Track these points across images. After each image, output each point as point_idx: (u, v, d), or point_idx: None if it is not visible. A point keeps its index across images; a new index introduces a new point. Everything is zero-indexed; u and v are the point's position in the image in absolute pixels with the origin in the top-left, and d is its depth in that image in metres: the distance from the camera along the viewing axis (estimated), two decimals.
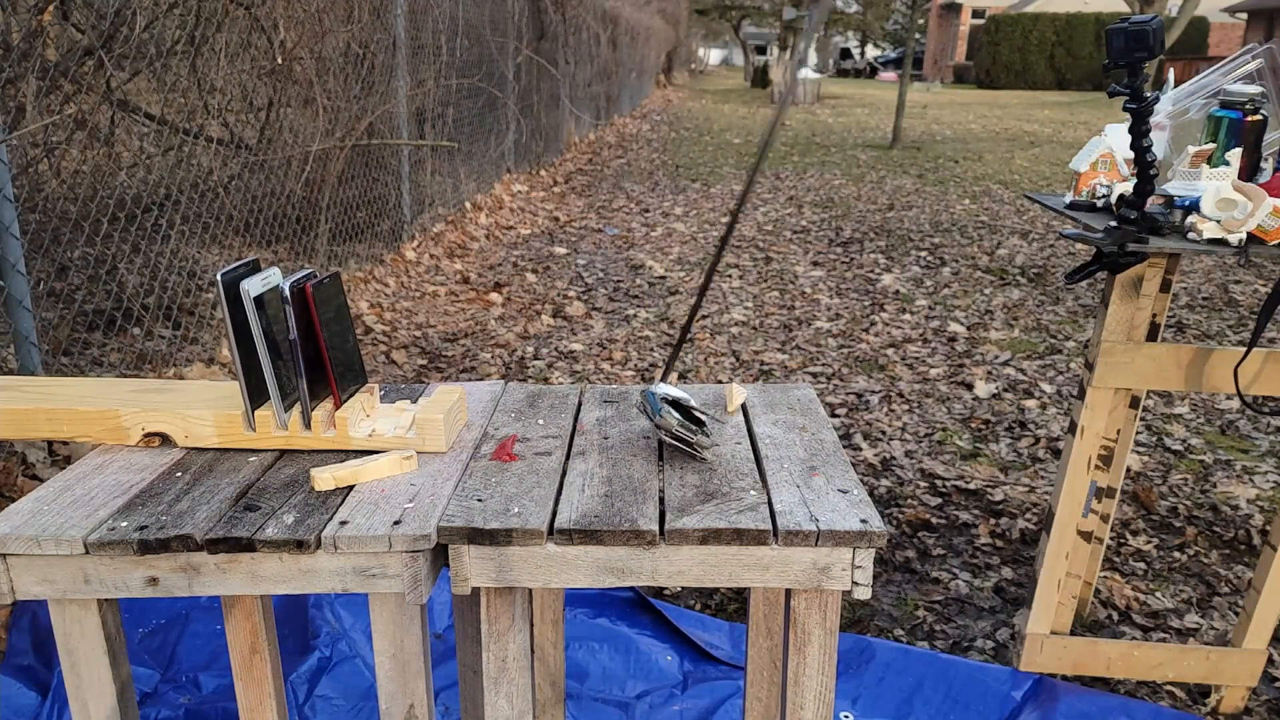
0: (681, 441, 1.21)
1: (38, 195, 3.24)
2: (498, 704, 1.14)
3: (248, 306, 1.13)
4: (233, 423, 1.22)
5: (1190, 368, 1.73)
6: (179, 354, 3.47)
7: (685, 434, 1.21)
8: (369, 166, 5.18)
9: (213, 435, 1.23)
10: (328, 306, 1.20)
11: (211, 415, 1.22)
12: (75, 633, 1.10)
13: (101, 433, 1.24)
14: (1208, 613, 2.29)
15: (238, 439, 1.23)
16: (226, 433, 1.23)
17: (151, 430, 1.23)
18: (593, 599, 2.23)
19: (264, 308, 1.14)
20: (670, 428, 1.20)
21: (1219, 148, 1.67)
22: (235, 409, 1.23)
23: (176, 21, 3.61)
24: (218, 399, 1.26)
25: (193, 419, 1.22)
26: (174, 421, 1.23)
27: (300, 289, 1.15)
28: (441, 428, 1.22)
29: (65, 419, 1.23)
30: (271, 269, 1.19)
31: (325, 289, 1.19)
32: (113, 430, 1.24)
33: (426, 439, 1.22)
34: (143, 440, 1.24)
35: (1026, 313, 4.80)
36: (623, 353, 4.13)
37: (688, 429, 1.21)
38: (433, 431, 1.22)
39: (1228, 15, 27.14)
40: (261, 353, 1.16)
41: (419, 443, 1.23)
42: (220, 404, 1.24)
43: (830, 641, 1.13)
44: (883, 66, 41.52)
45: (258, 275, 1.16)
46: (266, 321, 1.15)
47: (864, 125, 15.79)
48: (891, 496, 2.85)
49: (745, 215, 7.37)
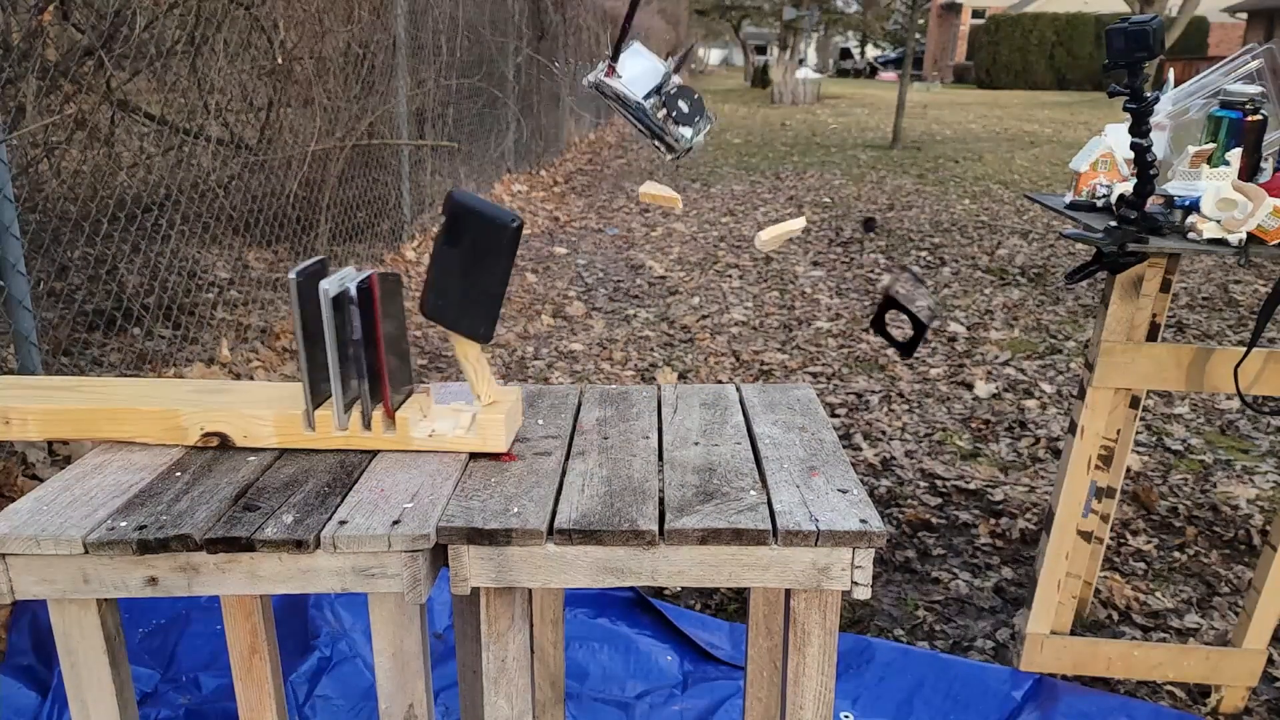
0: (655, 128, 1.14)
1: (38, 195, 3.24)
2: (498, 704, 1.14)
3: (324, 306, 1.13)
4: (292, 423, 1.22)
5: (1190, 368, 1.73)
6: (179, 354, 3.46)
7: (662, 126, 1.14)
8: (369, 166, 5.17)
9: (272, 435, 1.23)
10: (391, 305, 1.19)
11: (271, 415, 1.22)
12: (75, 633, 1.10)
13: (161, 433, 1.23)
14: (1208, 613, 2.29)
15: (297, 439, 1.23)
16: (285, 433, 1.22)
17: (210, 430, 1.23)
18: (593, 599, 2.23)
19: (338, 308, 1.14)
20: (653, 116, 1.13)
21: (1219, 148, 1.67)
22: (293, 409, 1.22)
23: (176, 21, 3.61)
24: (275, 399, 1.26)
25: (251, 419, 1.22)
26: (233, 421, 1.22)
27: (367, 289, 1.15)
28: (503, 428, 1.22)
29: (126, 419, 1.23)
30: (345, 269, 1.18)
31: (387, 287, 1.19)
32: (172, 430, 1.23)
33: (487, 439, 1.22)
34: (201, 440, 1.23)
35: (1026, 313, 4.80)
36: (623, 353, 4.13)
37: (673, 121, 1.14)
38: (494, 431, 1.22)
39: (1228, 15, 27.13)
40: (330, 353, 1.16)
41: (479, 443, 1.22)
42: (278, 404, 1.24)
43: (830, 641, 1.12)
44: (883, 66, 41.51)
45: (334, 275, 1.15)
46: (339, 322, 1.15)
47: (864, 125, 15.78)
48: (891, 496, 2.85)
49: (745, 215, 7.37)
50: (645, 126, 1.15)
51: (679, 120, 1.15)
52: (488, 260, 1.13)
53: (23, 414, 1.23)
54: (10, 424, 1.23)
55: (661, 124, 1.14)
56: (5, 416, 1.23)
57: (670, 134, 1.15)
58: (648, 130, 1.16)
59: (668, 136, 1.15)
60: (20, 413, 1.23)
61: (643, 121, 1.15)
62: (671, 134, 1.15)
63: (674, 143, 1.16)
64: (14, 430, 1.24)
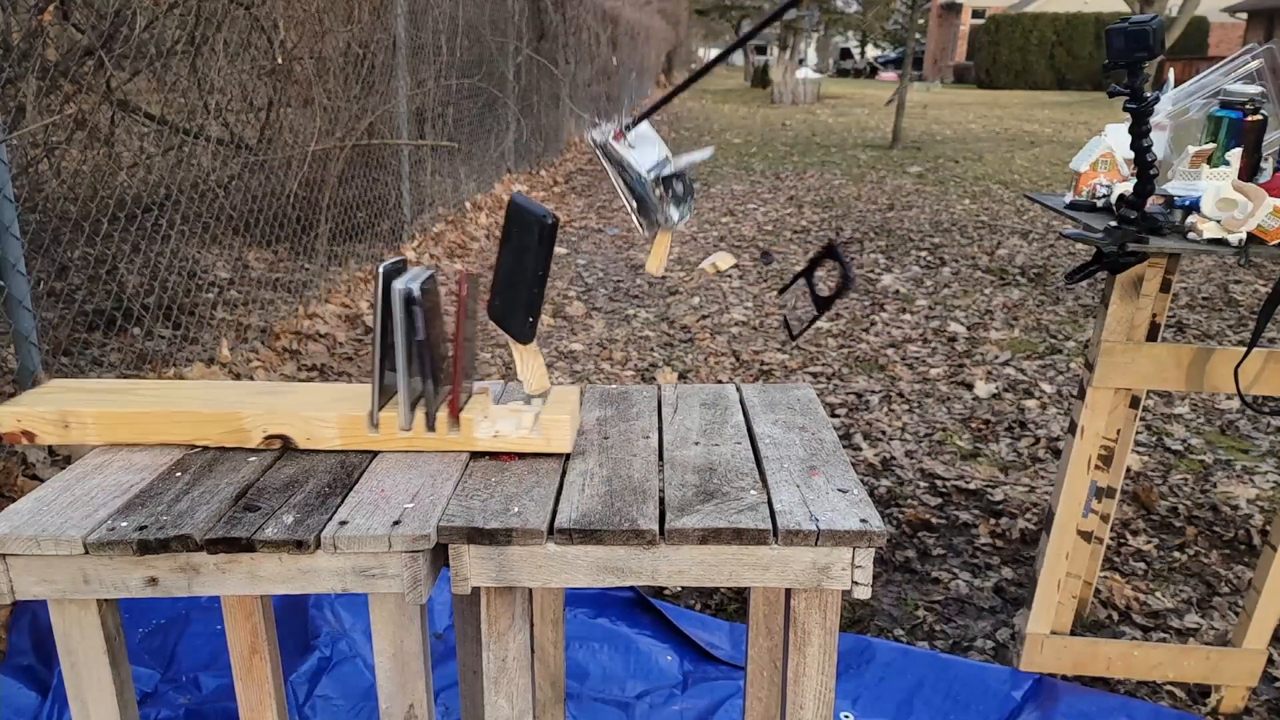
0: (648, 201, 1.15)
1: (38, 195, 3.24)
2: (498, 704, 1.14)
3: (395, 306, 1.13)
4: (355, 424, 1.22)
5: (1190, 368, 1.73)
6: (179, 354, 3.46)
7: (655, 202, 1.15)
8: (369, 166, 5.17)
9: (335, 437, 1.22)
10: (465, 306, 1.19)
11: (335, 417, 1.22)
12: (75, 633, 1.10)
13: (222, 435, 1.23)
14: (1208, 613, 2.29)
15: (360, 440, 1.22)
16: (349, 434, 1.22)
17: (273, 433, 1.22)
18: (593, 599, 2.23)
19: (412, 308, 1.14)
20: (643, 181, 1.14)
21: (1219, 148, 1.67)
22: (354, 411, 1.22)
23: (176, 21, 3.61)
24: (335, 400, 1.26)
25: (315, 421, 1.22)
26: (296, 424, 1.22)
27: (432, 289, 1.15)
28: (568, 428, 1.22)
29: (186, 421, 1.23)
30: (418, 268, 1.18)
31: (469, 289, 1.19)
32: (233, 433, 1.23)
33: (552, 439, 1.22)
34: (263, 442, 1.23)
35: (1026, 313, 4.80)
36: (623, 353, 4.13)
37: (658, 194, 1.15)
38: (559, 432, 1.22)
39: (1228, 15, 27.13)
40: (399, 353, 1.16)
41: (544, 443, 1.22)
42: (339, 406, 1.24)
43: (830, 641, 1.12)
44: (883, 66, 41.50)
45: (405, 274, 1.15)
46: (409, 322, 1.15)
47: (864, 125, 15.78)
48: (891, 496, 2.85)
49: (745, 215, 7.37)
50: (637, 197, 1.17)
51: (673, 200, 1.17)
52: (525, 258, 1.15)
53: (81, 417, 1.22)
54: (70, 427, 1.23)
55: (655, 199, 1.16)
56: (64, 419, 1.22)
57: (660, 210, 1.16)
58: (637, 201, 1.17)
59: (656, 212, 1.17)
60: (79, 416, 1.22)
61: (636, 192, 1.16)
62: (661, 210, 1.16)
63: (659, 218, 1.17)
64: (73, 433, 1.23)
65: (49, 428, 1.23)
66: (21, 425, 1.23)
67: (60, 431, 1.23)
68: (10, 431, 1.23)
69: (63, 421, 1.23)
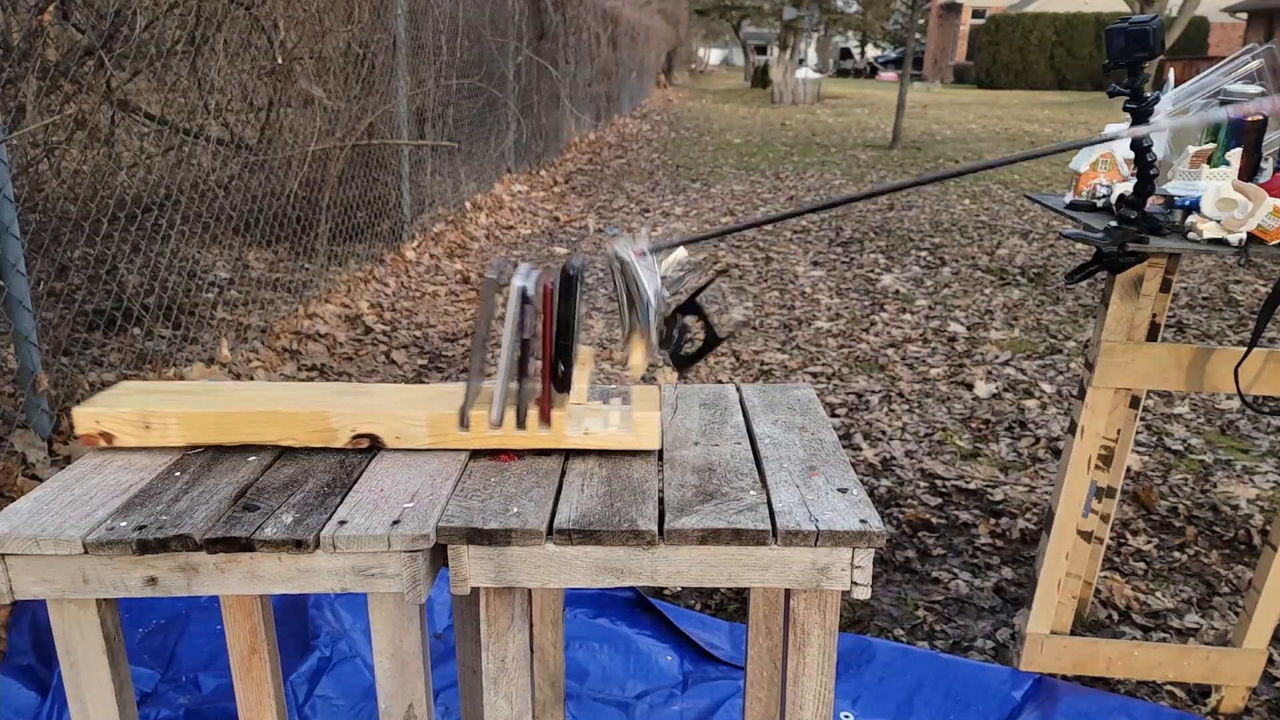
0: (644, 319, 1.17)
1: (38, 195, 3.24)
2: (497, 704, 1.14)
3: (511, 304, 1.13)
4: (446, 423, 1.21)
5: (1190, 368, 1.73)
6: (179, 354, 3.47)
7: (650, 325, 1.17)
8: (369, 166, 5.18)
9: (424, 436, 1.22)
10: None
11: (425, 415, 1.21)
12: (74, 633, 1.10)
13: (308, 435, 1.22)
14: (1208, 613, 2.29)
15: (449, 439, 1.22)
16: (438, 432, 1.22)
17: (362, 432, 1.22)
18: (593, 599, 2.23)
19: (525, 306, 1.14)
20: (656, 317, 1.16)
21: (1219, 148, 1.67)
22: (442, 409, 1.22)
23: (176, 21, 3.61)
24: (422, 400, 1.25)
25: (406, 419, 1.21)
26: (385, 423, 1.22)
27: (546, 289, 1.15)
28: (658, 425, 1.22)
29: (271, 421, 1.21)
30: (523, 265, 1.18)
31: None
32: (320, 432, 1.22)
33: (643, 437, 1.22)
34: (351, 442, 1.22)
35: (1026, 313, 4.80)
36: (623, 353, 4.13)
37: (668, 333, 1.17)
38: (649, 429, 1.22)
39: (1228, 15, 27.13)
40: (507, 350, 1.16)
41: (634, 440, 1.22)
42: (428, 405, 1.23)
43: (830, 641, 1.12)
44: (883, 66, 41.50)
45: (519, 272, 1.15)
46: (521, 319, 1.15)
47: (864, 125, 15.78)
48: (891, 496, 2.85)
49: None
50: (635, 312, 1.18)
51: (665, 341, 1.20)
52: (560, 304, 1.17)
53: (163, 418, 1.21)
54: (150, 428, 1.21)
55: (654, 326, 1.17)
56: (145, 421, 1.21)
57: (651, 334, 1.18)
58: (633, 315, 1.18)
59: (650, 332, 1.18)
60: (160, 417, 1.21)
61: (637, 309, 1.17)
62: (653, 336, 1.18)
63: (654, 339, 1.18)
64: (154, 435, 1.22)
65: (129, 429, 1.21)
66: (101, 427, 1.21)
67: (141, 433, 1.21)
68: (88, 433, 1.21)
69: (144, 423, 1.21)
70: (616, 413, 1.24)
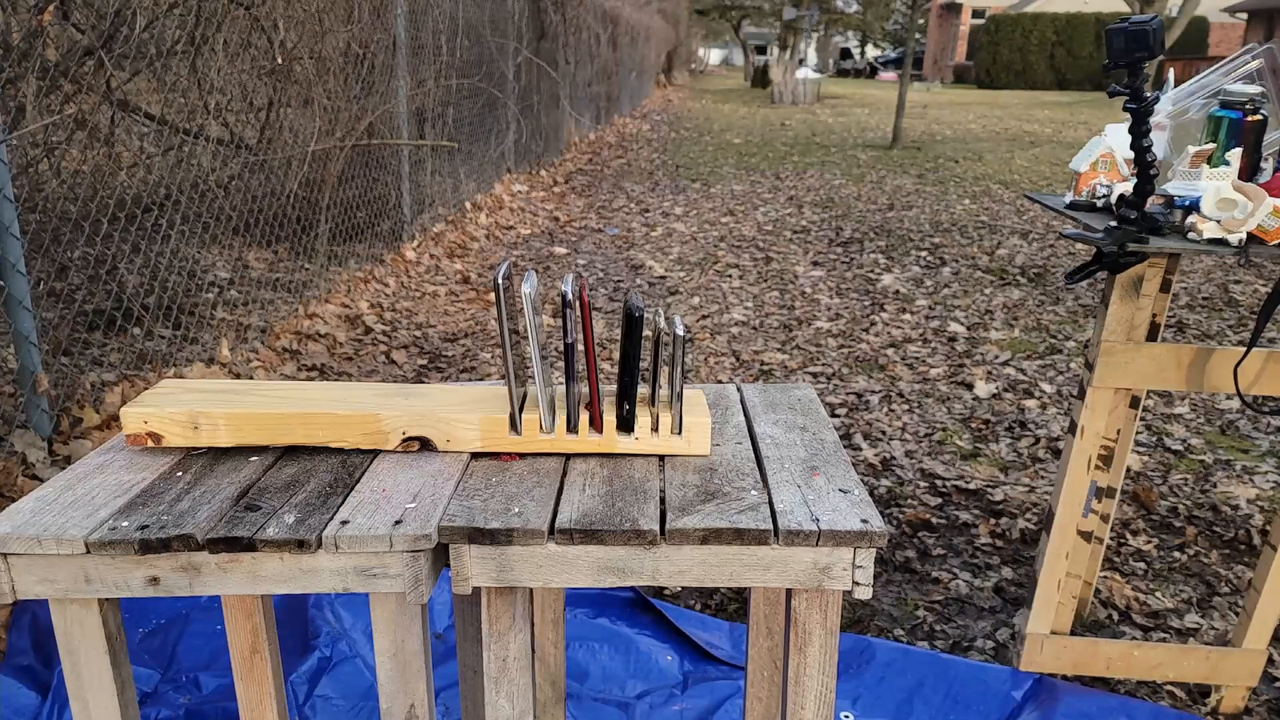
0: None
1: (38, 195, 3.24)
2: (498, 704, 1.14)
3: (526, 308, 1.13)
4: (498, 426, 1.21)
5: (1190, 368, 1.73)
6: (179, 354, 3.47)
7: None
8: (369, 166, 5.18)
9: (476, 439, 1.22)
10: None
11: (477, 419, 1.21)
12: (76, 632, 1.11)
13: (359, 437, 1.21)
14: (1208, 613, 2.29)
15: (500, 443, 1.22)
16: (490, 436, 1.21)
17: (413, 434, 1.21)
18: (593, 599, 2.23)
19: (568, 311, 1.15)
20: None
21: (1219, 148, 1.67)
22: (493, 412, 1.21)
23: (176, 21, 3.61)
24: (471, 402, 1.25)
25: (456, 423, 1.21)
26: (436, 426, 1.21)
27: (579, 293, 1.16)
28: (708, 430, 1.22)
29: (322, 423, 1.21)
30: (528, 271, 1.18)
31: None
32: (371, 435, 1.21)
33: (693, 442, 1.22)
34: (401, 445, 1.22)
35: (1026, 313, 4.81)
36: None
37: None
38: (700, 434, 1.22)
39: (1228, 15, 27.14)
40: (535, 354, 1.16)
41: (684, 445, 1.22)
42: (477, 408, 1.23)
43: (831, 641, 1.13)
44: (883, 66, 41.50)
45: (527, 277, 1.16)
46: (565, 325, 1.15)
47: (864, 125, 15.78)
48: (892, 496, 2.86)
49: (745, 215, 7.37)
50: None
51: None
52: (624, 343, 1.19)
53: (212, 418, 1.20)
54: (199, 429, 1.20)
55: None
56: (194, 421, 1.20)
57: None
58: None
59: None
60: (210, 417, 1.20)
61: None
62: None
63: None
64: (203, 435, 1.21)
65: (177, 429, 1.20)
66: (149, 427, 1.20)
67: (189, 434, 1.20)
68: (137, 433, 1.20)
69: (193, 423, 1.20)
70: (667, 417, 1.23)
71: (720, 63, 68.36)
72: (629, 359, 1.17)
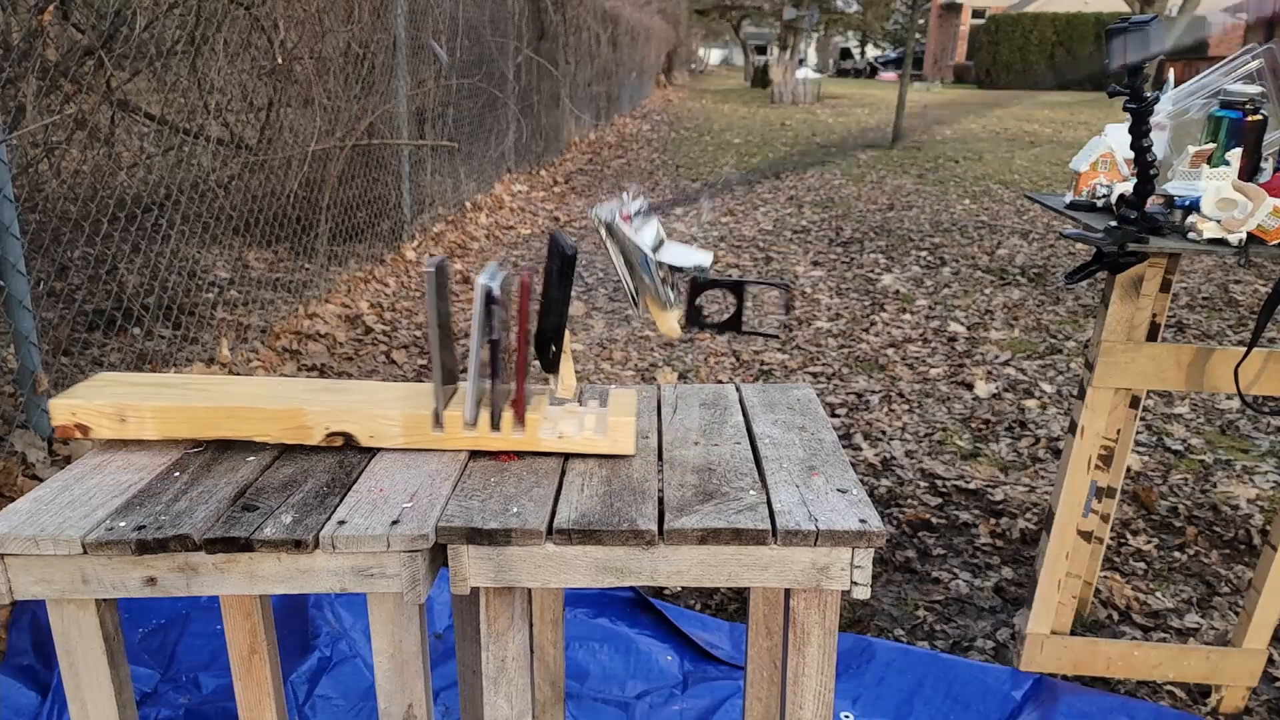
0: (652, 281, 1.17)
1: (38, 195, 3.24)
2: (497, 704, 1.14)
3: (476, 304, 1.13)
4: (420, 423, 1.21)
5: (1190, 368, 1.73)
6: (179, 354, 3.46)
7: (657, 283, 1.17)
8: (369, 166, 5.17)
9: (399, 436, 1.21)
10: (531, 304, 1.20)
11: (399, 415, 1.21)
12: (74, 633, 1.10)
13: (282, 432, 1.21)
14: (1208, 613, 2.29)
15: (424, 439, 1.22)
16: (413, 432, 1.21)
17: (336, 430, 1.21)
18: (593, 599, 2.23)
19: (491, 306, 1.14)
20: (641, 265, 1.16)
21: (1219, 148, 1.67)
22: (417, 409, 1.21)
23: (176, 21, 3.61)
24: (398, 399, 1.25)
25: (379, 419, 1.21)
26: (360, 421, 1.21)
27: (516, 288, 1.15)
28: (633, 430, 1.22)
29: (247, 417, 1.21)
30: (491, 264, 1.17)
31: None
32: (294, 429, 1.21)
33: (617, 441, 1.22)
34: (325, 439, 1.22)
35: (1026, 313, 4.80)
36: (623, 353, 4.13)
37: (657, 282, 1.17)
38: (624, 434, 1.22)
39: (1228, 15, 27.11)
40: (474, 351, 1.15)
41: (608, 445, 1.22)
42: (402, 404, 1.23)
43: (830, 641, 1.12)
44: (883, 66, 41.49)
45: (484, 271, 1.15)
46: (487, 320, 1.14)
47: (864, 125, 15.78)
48: (891, 496, 2.85)
49: (745, 215, 7.37)
50: (637, 276, 1.18)
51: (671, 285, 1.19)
52: (549, 289, 1.17)
53: (139, 411, 1.20)
54: (126, 421, 1.21)
55: (658, 281, 1.17)
56: (121, 413, 1.20)
57: (661, 292, 1.18)
58: (636, 280, 1.19)
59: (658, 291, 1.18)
60: (136, 410, 1.20)
61: (637, 271, 1.18)
62: (663, 292, 1.18)
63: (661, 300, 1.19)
64: (130, 428, 1.21)
65: (105, 422, 1.21)
66: (76, 419, 1.20)
67: (117, 426, 1.21)
68: (64, 424, 1.21)
69: (120, 415, 1.20)
70: (592, 416, 1.23)
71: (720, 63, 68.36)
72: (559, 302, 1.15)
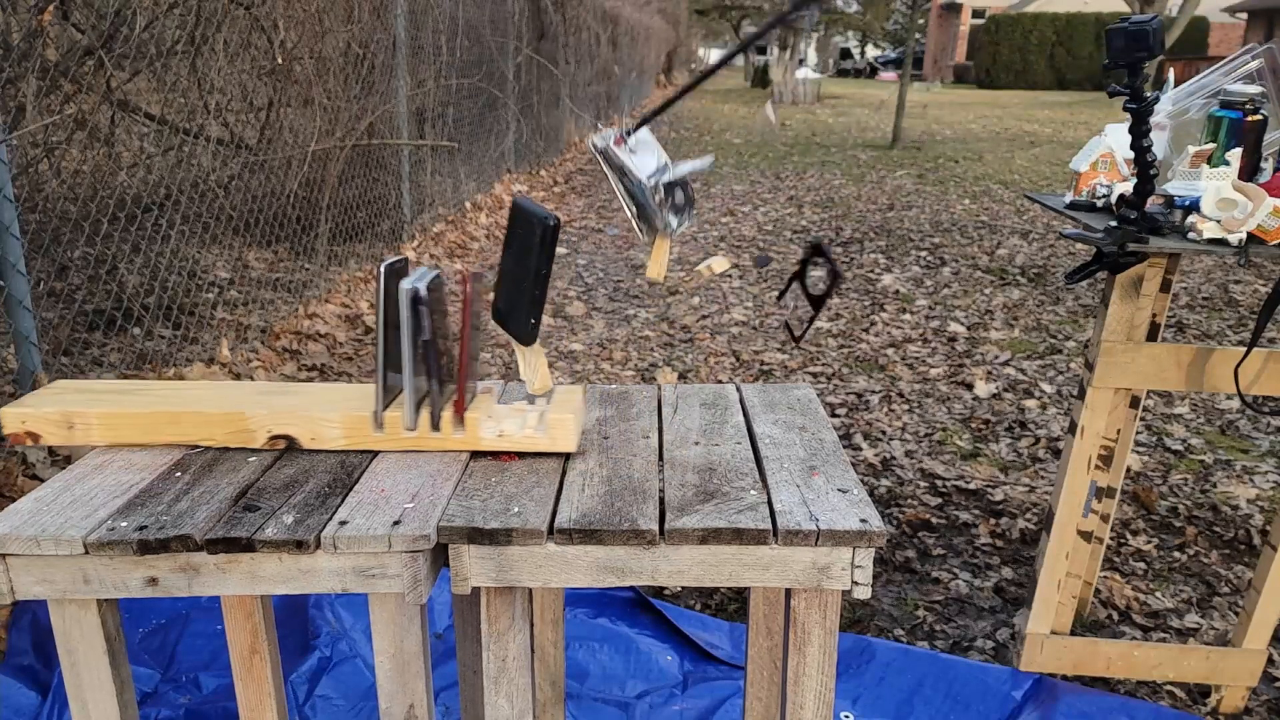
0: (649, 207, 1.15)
1: (38, 195, 3.24)
2: (498, 704, 1.14)
3: (402, 306, 1.13)
4: (360, 424, 1.21)
5: (1190, 368, 1.73)
6: (179, 354, 3.46)
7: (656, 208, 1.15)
8: (369, 166, 5.17)
9: (340, 437, 1.22)
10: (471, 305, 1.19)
11: (340, 417, 1.21)
12: (75, 633, 1.10)
13: (226, 435, 1.22)
14: (1208, 613, 2.29)
15: (365, 440, 1.22)
16: (353, 434, 1.22)
17: (278, 433, 1.22)
18: (593, 599, 2.23)
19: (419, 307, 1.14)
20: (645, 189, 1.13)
21: (1219, 148, 1.67)
22: (359, 411, 1.22)
23: (176, 21, 3.61)
24: (341, 401, 1.25)
25: (320, 421, 1.22)
26: (301, 424, 1.22)
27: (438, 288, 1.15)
28: (573, 427, 1.22)
29: (190, 422, 1.22)
30: (423, 267, 1.18)
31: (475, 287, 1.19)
32: (238, 433, 1.22)
33: (557, 438, 1.22)
34: (268, 443, 1.23)
35: (1026, 313, 4.80)
36: (623, 353, 4.13)
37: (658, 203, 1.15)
38: (564, 431, 1.22)
39: (1228, 15, 27.13)
40: (405, 352, 1.16)
41: (549, 443, 1.22)
42: (344, 406, 1.24)
43: (830, 641, 1.12)
44: (883, 66, 41.49)
45: (412, 274, 1.15)
46: (415, 321, 1.15)
47: (864, 125, 15.78)
48: (891, 496, 2.85)
49: (745, 215, 7.37)
50: (637, 203, 1.17)
51: (674, 208, 1.17)
52: (527, 259, 1.15)
53: (86, 418, 1.22)
54: (74, 428, 1.22)
55: (655, 206, 1.15)
56: (69, 420, 1.22)
57: (660, 216, 1.16)
58: (637, 207, 1.17)
59: (656, 219, 1.16)
60: (84, 416, 1.22)
61: (636, 198, 1.16)
62: (661, 217, 1.16)
63: (660, 225, 1.17)
64: (78, 434, 1.23)
65: (53, 429, 1.22)
66: (26, 426, 1.22)
67: (65, 432, 1.23)
68: (15, 432, 1.23)
69: (67, 422, 1.22)
70: (535, 414, 1.23)
71: None
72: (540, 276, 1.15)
